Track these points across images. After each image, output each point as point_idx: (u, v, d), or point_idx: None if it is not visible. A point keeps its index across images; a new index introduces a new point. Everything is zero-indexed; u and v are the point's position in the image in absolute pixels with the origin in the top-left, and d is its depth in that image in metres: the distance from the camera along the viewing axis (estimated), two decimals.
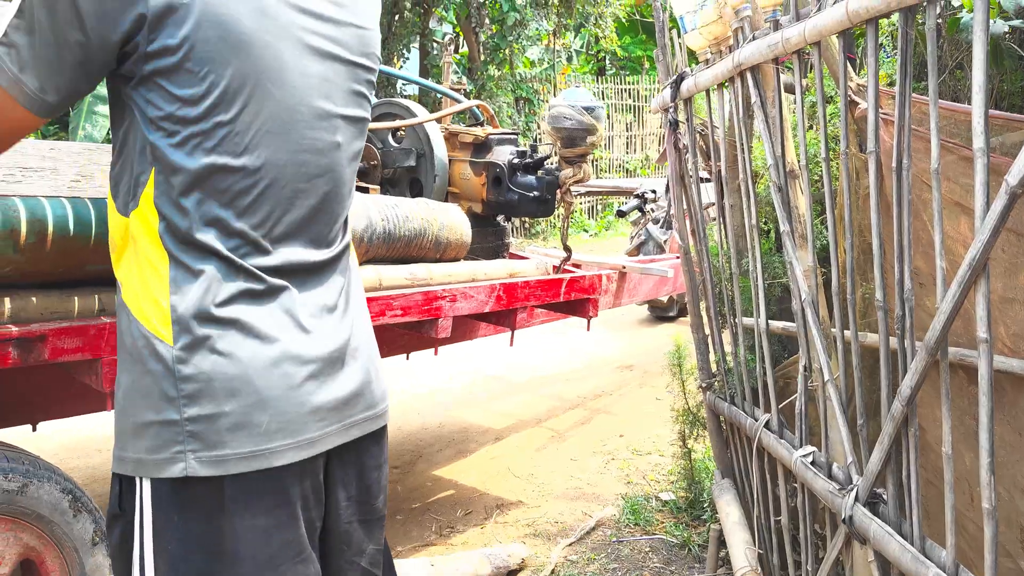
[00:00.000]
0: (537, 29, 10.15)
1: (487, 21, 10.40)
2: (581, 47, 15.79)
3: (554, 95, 12.10)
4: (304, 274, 1.19)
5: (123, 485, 1.14)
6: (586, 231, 11.90)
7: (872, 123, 1.50)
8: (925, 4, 1.30)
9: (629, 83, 14.26)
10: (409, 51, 11.27)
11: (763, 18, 1.92)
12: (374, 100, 2.35)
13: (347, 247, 1.30)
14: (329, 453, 1.21)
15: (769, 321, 2.15)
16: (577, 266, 3.47)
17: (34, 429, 2.45)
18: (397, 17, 10.13)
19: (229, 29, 1.05)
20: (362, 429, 1.25)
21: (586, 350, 5.68)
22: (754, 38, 1.94)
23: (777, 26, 1.82)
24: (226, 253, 1.11)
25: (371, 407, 1.27)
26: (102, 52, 1.03)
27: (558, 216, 3.86)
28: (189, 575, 1.12)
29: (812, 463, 1.88)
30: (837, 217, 1.84)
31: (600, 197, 12.18)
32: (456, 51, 12.11)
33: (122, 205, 1.13)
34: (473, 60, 10.69)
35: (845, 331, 1.75)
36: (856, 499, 1.62)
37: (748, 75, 2.00)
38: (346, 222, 1.29)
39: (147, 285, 1.11)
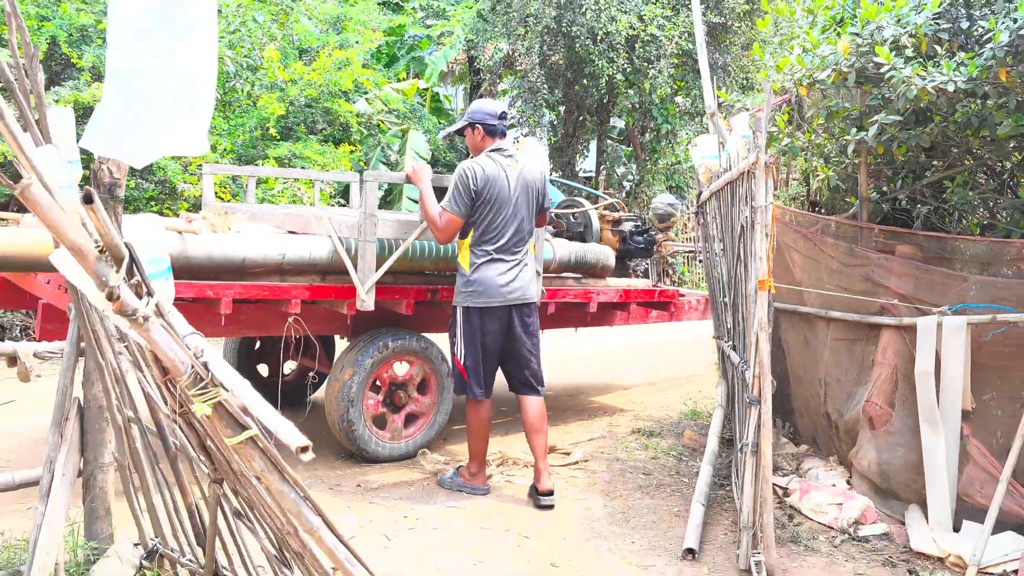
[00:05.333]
0: (687, 135, 13.15)
1: (650, 126, 13.55)
2: None
3: None
4: (509, 255, 4.38)
5: (455, 310, 4.41)
6: None
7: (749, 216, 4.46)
8: (733, 182, 4.28)
9: None
10: (588, 149, 14.63)
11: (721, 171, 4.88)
12: (561, 197, 5.62)
13: (527, 249, 4.44)
14: (511, 308, 4.36)
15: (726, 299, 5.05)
16: (680, 293, 6.46)
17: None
18: (579, 126, 13.49)
19: (495, 190, 4.30)
20: (520, 301, 4.39)
21: (693, 353, 8.52)
22: (718, 177, 4.90)
23: (720, 177, 4.79)
24: (485, 248, 4.34)
25: (526, 298, 4.41)
26: (470, 202, 4.28)
27: (651, 261, 6.82)
28: (469, 336, 4.35)
29: (732, 348, 4.75)
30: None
31: None
32: (628, 145, 15.31)
33: (462, 239, 4.40)
34: (638, 156, 13.85)
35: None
36: (717, 344, 4.51)
37: (716, 195, 4.95)
38: (526, 243, 4.43)
39: (464, 255, 4.38)
